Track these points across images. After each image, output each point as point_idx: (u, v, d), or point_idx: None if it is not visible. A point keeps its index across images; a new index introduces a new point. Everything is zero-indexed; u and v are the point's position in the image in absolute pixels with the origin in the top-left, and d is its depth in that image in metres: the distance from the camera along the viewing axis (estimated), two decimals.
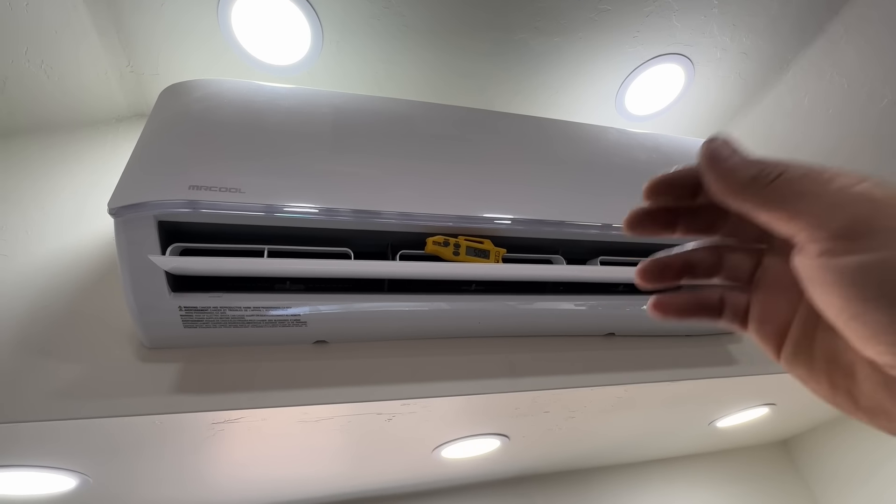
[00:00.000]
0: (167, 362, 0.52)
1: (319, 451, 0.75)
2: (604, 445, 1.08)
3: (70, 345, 0.52)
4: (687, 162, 0.23)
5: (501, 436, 0.83)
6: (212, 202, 0.44)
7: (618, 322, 0.69)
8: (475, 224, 0.52)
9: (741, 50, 0.83)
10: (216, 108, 0.52)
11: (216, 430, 0.56)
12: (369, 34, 0.72)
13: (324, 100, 0.58)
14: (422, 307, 0.57)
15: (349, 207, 0.48)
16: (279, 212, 0.46)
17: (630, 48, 0.80)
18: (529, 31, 0.75)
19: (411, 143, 0.57)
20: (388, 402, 0.57)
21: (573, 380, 0.65)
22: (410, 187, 0.52)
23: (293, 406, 0.52)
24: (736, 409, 1.00)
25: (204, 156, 0.47)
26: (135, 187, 0.44)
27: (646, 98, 0.90)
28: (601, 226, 0.58)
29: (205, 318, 0.50)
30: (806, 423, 1.33)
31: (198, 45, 0.71)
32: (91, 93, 0.71)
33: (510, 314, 0.62)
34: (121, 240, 0.44)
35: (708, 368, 0.74)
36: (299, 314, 0.53)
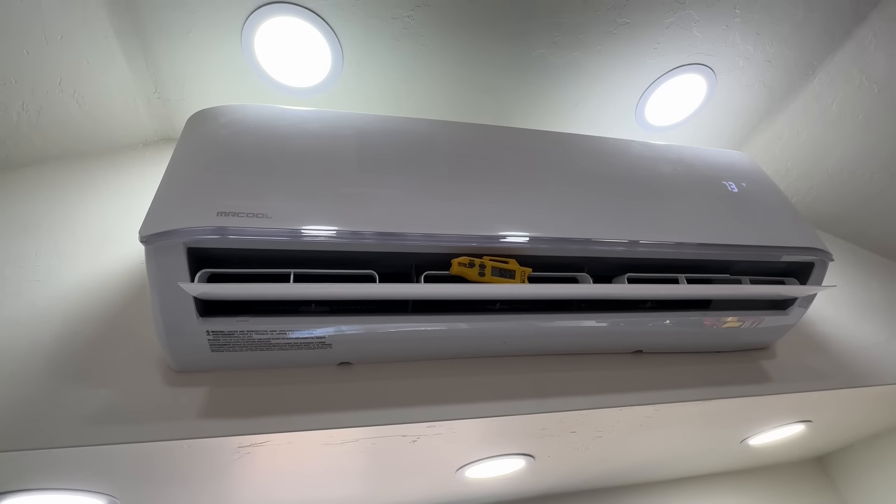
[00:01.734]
0: (194, 386, 0.52)
1: (344, 472, 0.74)
2: (631, 464, 1.05)
3: (100, 369, 0.52)
4: (712, 175, 0.22)
5: (527, 455, 0.81)
6: (239, 228, 0.45)
7: (645, 339, 0.67)
8: (500, 244, 0.52)
9: (765, 58, 0.82)
10: (241, 134, 0.53)
11: (242, 453, 0.56)
12: (388, 54, 0.72)
13: (346, 122, 0.58)
14: (446, 328, 0.56)
15: (373, 230, 0.48)
16: (304, 236, 0.46)
17: (650, 59, 0.79)
18: (548, 45, 0.74)
19: (433, 164, 0.56)
20: (414, 425, 0.56)
21: (601, 400, 0.64)
22: (434, 208, 0.52)
23: (318, 430, 0.52)
24: (769, 427, 0.97)
25: (231, 182, 0.48)
26: (164, 215, 0.45)
27: (667, 109, 0.88)
28: (627, 242, 0.57)
29: (231, 342, 0.50)
30: (843, 439, 1.28)
31: (222, 70, 0.72)
32: (119, 119, 0.73)
33: (536, 333, 0.60)
34: (151, 267, 0.44)
35: (740, 387, 0.71)
36: (324, 336, 0.52)
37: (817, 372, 0.77)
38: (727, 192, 0.68)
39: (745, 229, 0.64)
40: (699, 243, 0.60)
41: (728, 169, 0.72)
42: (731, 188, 0.68)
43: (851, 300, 0.95)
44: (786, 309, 0.70)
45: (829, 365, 0.79)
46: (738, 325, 0.69)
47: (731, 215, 0.65)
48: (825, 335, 0.85)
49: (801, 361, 0.78)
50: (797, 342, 0.81)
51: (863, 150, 0.93)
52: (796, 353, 0.79)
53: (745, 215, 0.65)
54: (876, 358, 0.83)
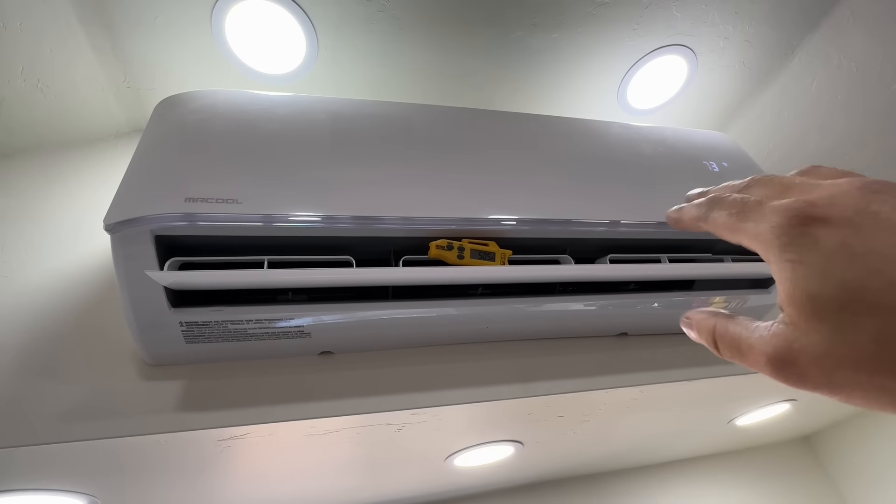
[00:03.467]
0: (170, 379, 0.51)
1: (329, 464, 0.73)
2: (620, 448, 1.05)
3: (71, 365, 0.51)
4: (694, 156, 0.22)
5: (515, 442, 0.81)
6: (208, 214, 0.43)
7: (630, 321, 0.67)
8: (479, 226, 0.51)
9: (744, 38, 0.82)
10: (211, 119, 0.51)
11: (223, 446, 0.55)
12: (364, 38, 0.71)
13: (320, 106, 0.57)
14: (427, 313, 0.55)
15: (349, 214, 0.47)
16: (278, 221, 0.45)
17: (630, 41, 0.78)
18: (527, 27, 0.73)
19: (410, 146, 0.55)
20: (398, 413, 0.55)
21: (587, 382, 0.63)
22: (411, 191, 0.51)
23: (300, 420, 0.51)
24: (756, 406, 0.98)
25: (200, 167, 0.46)
26: (130, 202, 0.43)
27: (648, 91, 0.88)
28: (609, 222, 0.56)
29: (206, 333, 0.49)
30: (829, 418, 1.30)
31: (193, 58, 0.70)
32: (89, 110, 0.70)
33: (519, 317, 0.60)
34: (118, 256, 0.43)
35: (726, 366, 0.72)
36: (303, 325, 0.51)
37: None
38: (709, 172, 0.68)
39: None
40: None
41: (709, 149, 0.71)
42: (712, 168, 0.68)
43: None
44: (767, 288, 0.70)
45: None
46: (724, 305, 0.69)
47: None
48: None
49: None
50: None
51: (842, 131, 0.93)
52: None
53: None
54: None
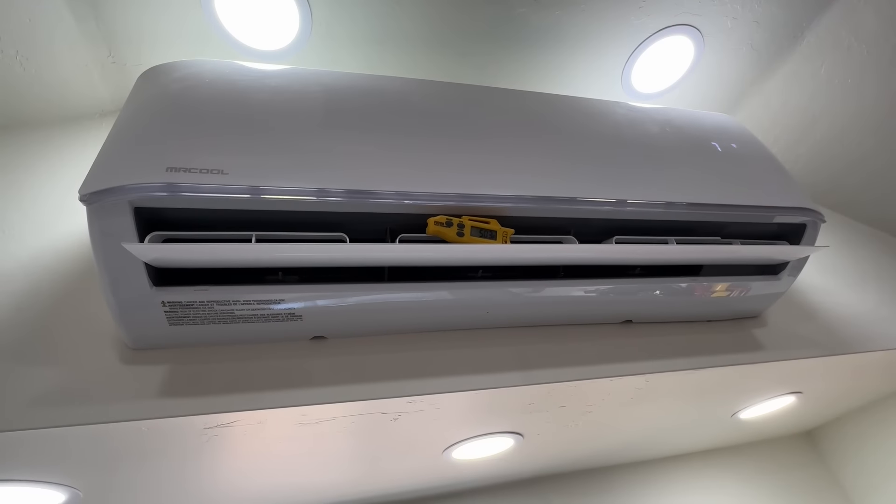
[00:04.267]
0: (153, 364, 0.49)
1: (323, 454, 0.71)
2: (623, 441, 1.03)
3: (49, 349, 0.48)
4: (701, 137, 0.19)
5: (515, 434, 0.79)
6: (192, 185, 0.41)
7: (635, 308, 0.65)
8: (480, 203, 0.48)
9: (753, 18, 0.79)
10: (197, 88, 0.48)
11: (210, 435, 0.52)
12: (360, 14, 0.68)
13: (313, 78, 0.54)
14: (425, 297, 0.53)
15: (342, 188, 0.45)
16: (266, 193, 0.42)
17: (636, 20, 0.76)
18: (529, 4, 0.71)
19: (409, 120, 0.53)
20: (393, 400, 0.53)
21: (590, 371, 0.61)
22: (408, 165, 0.48)
23: (290, 407, 0.48)
24: (760, 399, 0.96)
25: (183, 136, 0.43)
26: (108, 171, 0.40)
27: (654, 73, 0.85)
28: (615, 201, 0.54)
29: (191, 315, 0.46)
30: (832, 412, 1.28)
31: (183, 33, 0.68)
32: (72, 85, 0.67)
33: (520, 302, 0.57)
34: (94, 229, 0.40)
35: (732, 355, 0.69)
36: (294, 308, 0.49)
37: (808, 339, 0.76)
38: (717, 153, 0.65)
39: (737, 189, 0.61)
40: (690, 202, 0.57)
41: (717, 130, 0.69)
42: (720, 149, 0.66)
43: (840, 268, 0.93)
44: (777, 274, 0.68)
45: (819, 332, 0.78)
46: (730, 293, 0.67)
47: (722, 176, 0.62)
48: (815, 303, 0.84)
49: (791, 329, 0.76)
50: (787, 310, 0.79)
51: (851, 116, 0.91)
52: (787, 321, 0.77)
53: (735, 176, 0.63)
54: (865, 325, 0.82)
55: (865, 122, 0.91)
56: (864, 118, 0.90)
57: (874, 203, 1.03)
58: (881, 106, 0.87)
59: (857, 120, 0.91)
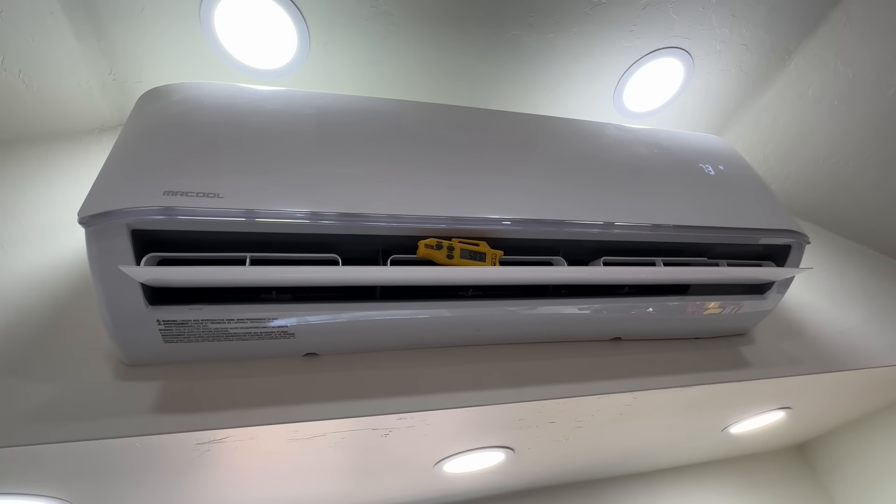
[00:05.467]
0: (147, 380, 0.49)
1: (314, 470, 0.71)
2: (613, 455, 1.04)
3: (45, 364, 0.49)
4: (689, 158, 0.20)
5: (506, 448, 0.80)
6: (188, 208, 0.42)
7: (624, 326, 0.66)
8: (470, 225, 0.50)
9: (741, 42, 0.81)
10: (195, 111, 0.50)
11: (202, 450, 0.53)
12: (357, 35, 0.70)
13: (308, 101, 0.55)
14: (416, 315, 0.54)
15: (335, 211, 0.46)
16: (261, 216, 0.43)
17: (627, 42, 0.78)
18: (522, 27, 0.72)
19: (400, 143, 0.54)
20: (384, 417, 0.54)
21: (579, 388, 0.62)
22: (400, 188, 0.49)
23: (282, 423, 0.49)
24: (750, 414, 0.96)
25: (180, 160, 0.45)
26: (106, 194, 0.42)
27: (644, 94, 0.87)
28: (603, 224, 0.55)
29: (186, 333, 0.47)
30: (823, 426, 1.29)
31: (182, 52, 0.69)
32: (72, 102, 0.68)
33: (510, 320, 0.58)
34: (92, 250, 0.41)
35: (719, 372, 0.71)
36: (286, 326, 0.50)
37: (795, 357, 0.77)
38: (704, 175, 0.67)
39: (723, 212, 0.63)
40: (676, 225, 0.58)
41: (705, 152, 0.71)
42: (708, 171, 0.67)
43: (827, 286, 0.95)
44: (763, 293, 0.69)
45: (807, 350, 0.79)
46: (719, 311, 0.68)
47: (709, 198, 0.64)
48: (802, 320, 0.85)
49: (778, 347, 0.77)
50: (775, 328, 0.81)
51: (838, 137, 0.93)
52: (774, 339, 0.78)
53: (722, 198, 0.64)
54: (851, 342, 0.83)
55: (852, 142, 0.93)
56: (850, 139, 0.92)
57: (861, 221, 1.05)
58: (866, 127, 0.89)
59: (844, 140, 0.93)
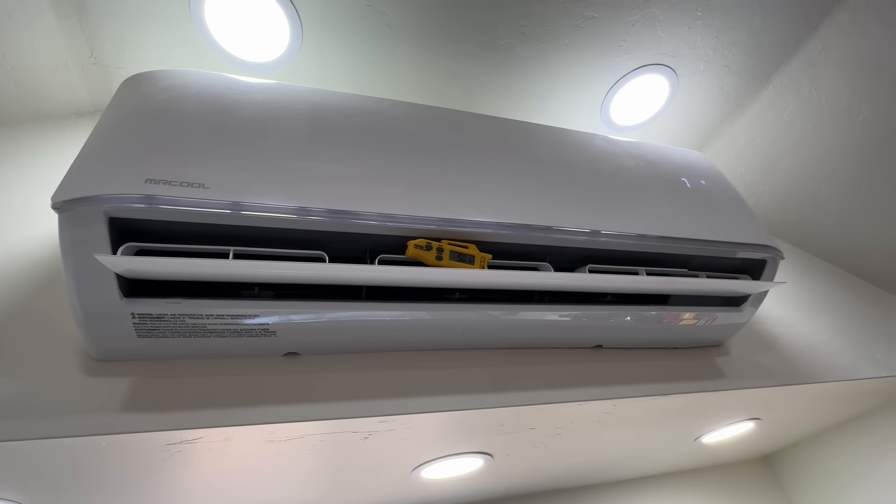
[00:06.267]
0: (117, 376, 0.47)
1: (291, 473, 0.69)
2: (590, 463, 1.05)
3: (7, 357, 0.46)
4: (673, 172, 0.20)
5: (485, 454, 0.79)
6: (170, 197, 0.40)
7: (606, 334, 0.67)
8: (459, 227, 0.49)
9: (723, 62, 0.84)
10: (181, 99, 0.48)
11: (172, 451, 0.51)
12: (351, 33, 0.69)
13: (301, 96, 0.54)
14: (402, 316, 0.53)
15: (324, 207, 0.45)
16: (247, 210, 0.42)
17: (616, 57, 0.79)
18: (516, 35, 0.73)
19: (394, 143, 0.54)
20: (364, 420, 0.53)
21: (560, 394, 0.62)
22: (391, 187, 0.49)
23: (258, 424, 0.47)
24: (722, 424, 0.99)
25: (164, 148, 0.43)
26: (83, 180, 0.40)
27: (631, 108, 0.89)
28: (589, 231, 0.56)
29: (161, 327, 0.45)
30: (789, 438, 1.33)
31: (168, 37, 0.67)
32: (49, 84, 0.66)
33: (495, 325, 0.58)
34: (65, 237, 0.39)
35: (696, 382, 0.72)
36: (268, 323, 0.48)
37: (767, 369, 0.79)
38: (687, 189, 0.68)
39: (704, 225, 0.64)
40: (660, 236, 0.60)
41: (688, 167, 0.73)
42: (690, 185, 0.69)
43: (798, 301, 0.98)
44: (739, 306, 0.71)
45: (778, 362, 0.82)
46: (695, 322, 0.70)
47: (691, 211, 0.65)
48: (774, 334, 0.88)
49: (752, 358, 0.79)
50: (749, 340, 0.83)
51: (811, 159, 0.97)
52: (748, 351, 0.81)
53: (703, 211, 0.66)
54: (820, 356, 0.87)
55: (824, 164, 0.97)
56: (822, 161, 0.96)
57: (831, 240, 1.09)
58: (838, 151, 0.93)
59: (817, 162, 0.97)
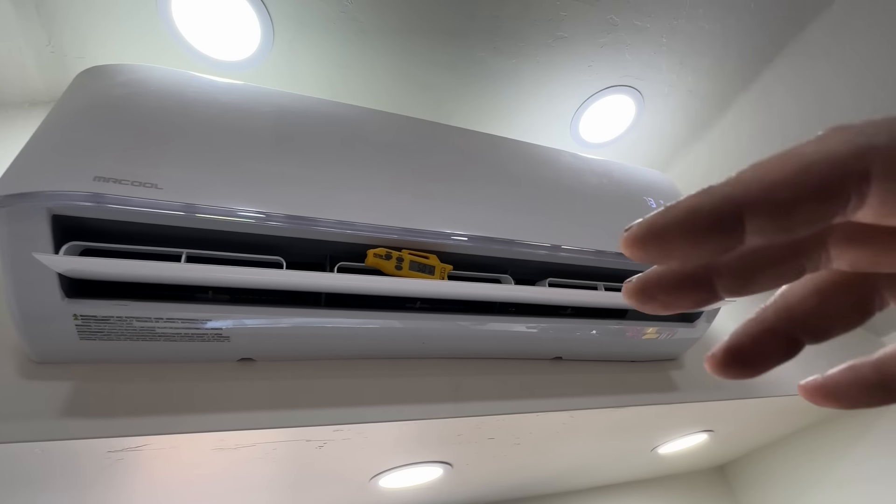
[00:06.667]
0: (57, 380, 0.45)
1: (244, 482, 0.67)
2: (550, 472, 1.06)
3: None
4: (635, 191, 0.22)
5: (444, 463, 0.79)
6: (120, 197, 0.39)
7: (565, 346, 0.68)
8: (421, 238, 0.50)
9: (687, 88, 0.88)
10: (140, 95, 0.47)
11: (113, 459, 0.49)
12: (324, 36, 0.69)
13: (267, 98, 0.54)
14: (361, 324, 0.53)
15: (284, 212, 0.44)
16: (202, 212, 0.41)
17: (585, 76, 0.82)
18: (489, 50, 0.75)
19: (359, 150, 0.54)
20: (319, 428, 0.52)
21: (519, 405, 0.63)
22: (353, 195, 0.49)
23: (206, 432, 0.46)
24: (677, 435, 1.02)
25: (117, 145, 0.42)
26: (27, 174, 0.38)
27: (600, 126, 0.92)
28: (550, 246, 0.57)
29: (106, 330, 0.44)
30: (741, 448, 1.38)
31: (132, 30, 0.65)
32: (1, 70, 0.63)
33: (456, 335, 0.59)
34: (2, 234, 0.38)
35: (651, 395, 0.74)
36: (221, 328, 0.47)
37: (719, 383, 0.82)
38: (648, 209, 0.71)
39: None
40: (618, 252, 0.61)
41: (650, 186, 0.75)
42: (651, 205, 0.72)
43: None
44: (693, 322, 0.74)
45: None
46: (657, 336, 0.72)
47: None
48: None
49: (705, 373, 0.83)
50: (702, 354, 0.86)
51: None
52: (701, 365, 0.84)
53: None
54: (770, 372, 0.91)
55: None
56: None
57: None
58: None
59: None
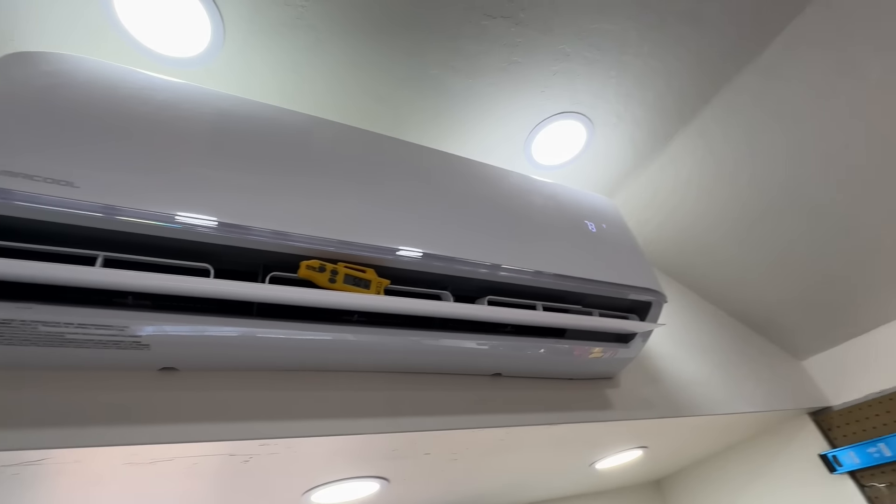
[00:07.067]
0: None
1: (164, 498, 0.64)
2: (489, 487, 1.06)
3: None
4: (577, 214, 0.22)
5: (380, 478, 0.78)
6: (31, 194, 0.37)
7: (505, 363, 0.69)
8: (359, 252, 0.50)
9: (633, 119, 0.92)
10: (65, 87, 0.45)
11: (8, 474, 0.45)
12: (278, 41, 0.68)
13: (207, 99, 0.52)
14: (294, 335, 0.52)
15: (215, 219, 0.43)
16: (122, 215, 0.40)
17: (539, 101, 0.85)
18: (445, 69, 0.76)
19: (301, 159, 0.53)
20: (243, 442, 0.50)
21: (455, 421, 0.63)
22: (290, 204, 0.48)
23: (113, 445, 0.44)
24: (613, 452, 1.05)
25: (32, 138, 0.40)
26: None
27: (552, 149, 0.95)
28: (490, 265, 0.58)
29: (7, 334, 0.41)
30: (675, 464, 1.44)
31: (68, 15, 0.62)
32: None
33: (393, 349, 0.59)
34: None
35: (586, 412, 0.77)
36: (140, 336, 0.45)
37: (650, 402, 0.86)
38: (587, 231, 0.74)
39: (599, 266, 0.69)
40: (556, 274, 0.63)
41: (592, 210, 0.78)
42: (591, 228, 0.75)
43: (686, 340, 1.08)
44: (628, 342, 0.77)
45: (662, 396, 0.89)
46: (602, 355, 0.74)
47: (588, 252, 0.70)
48: (662, 369, 0.96)
49: (639, 391, 0.86)
50: (637, 373, 0.90)
51: (703, 214, 1.09)
52: (636, 384, 0.87)
53: (599, 254, 0.72)
54: (698, 391, 0.96)
55: (713, 220, 1.09)
56: (712, 217, 1.08)
57: (717, 286, 1.22)
58: (726, 209, 1.05)
59: (707, 218, 1.09)
